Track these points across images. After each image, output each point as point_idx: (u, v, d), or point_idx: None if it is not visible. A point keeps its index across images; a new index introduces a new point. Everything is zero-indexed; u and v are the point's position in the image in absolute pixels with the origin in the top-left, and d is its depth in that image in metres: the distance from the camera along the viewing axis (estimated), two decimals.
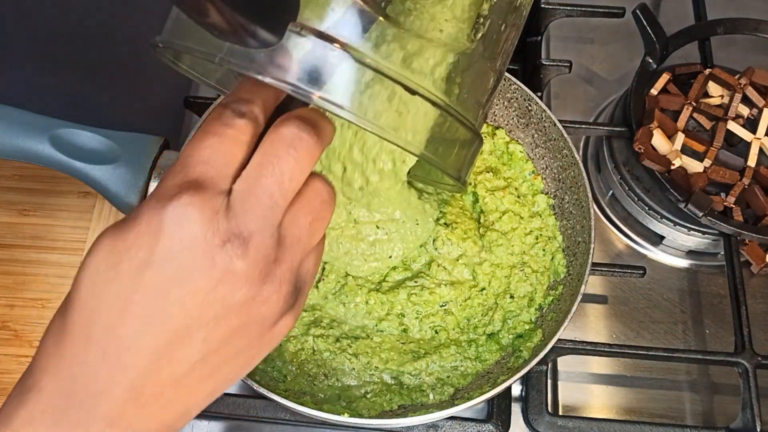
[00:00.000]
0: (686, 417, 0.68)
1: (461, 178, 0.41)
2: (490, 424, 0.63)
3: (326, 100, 0.33)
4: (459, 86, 0.39)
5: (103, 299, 0.32)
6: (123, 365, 0.32)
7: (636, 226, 0.77)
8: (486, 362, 0.62)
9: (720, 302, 0.73)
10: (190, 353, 0.33)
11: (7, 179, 0.78)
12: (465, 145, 0.40)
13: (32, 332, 0.69)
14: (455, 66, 0.39)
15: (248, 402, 0.63)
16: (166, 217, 0.32)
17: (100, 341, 0.32)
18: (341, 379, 0.60)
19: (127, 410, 0.32)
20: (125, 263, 0.32)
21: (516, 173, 0.71)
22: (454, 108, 0.38)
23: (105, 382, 0.32)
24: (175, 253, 0.32)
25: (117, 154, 0.63)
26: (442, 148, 0.39)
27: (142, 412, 0.33)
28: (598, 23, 0.90)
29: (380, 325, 0.62)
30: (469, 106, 0.40)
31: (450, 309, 0.63)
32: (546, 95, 0.84)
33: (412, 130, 0.37)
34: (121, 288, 0.32)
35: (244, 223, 0.33)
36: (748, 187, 0.71)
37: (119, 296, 0.32)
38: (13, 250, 0.74)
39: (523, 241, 0.66)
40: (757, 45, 0.85)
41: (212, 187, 0.33)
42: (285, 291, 0.35)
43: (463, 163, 0.41)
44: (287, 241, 0.34)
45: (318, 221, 0.36)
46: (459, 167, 0.41)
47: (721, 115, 0.76)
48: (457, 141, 0.40)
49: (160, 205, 0.32)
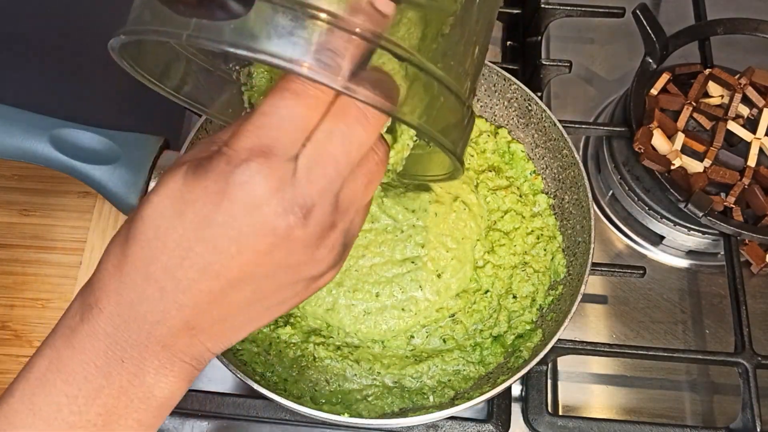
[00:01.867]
0: (686, 417, 0.68)
1: (457, 153, 0.39)
2: (490, 424, 0.63)
3: (315, 71, 0.31)
4: (442, 54, 0.37)
5: (167, 243, 0.34)
6: (179, 304, 0.35)
7: (636, 226, 0.77)
8: (489, 365, 0.62)
9: (720, 302, 0.73)
10: (240, 300, 0.36)
11: (7, 179, 0.78)
12: (457, 119, 0.39)
13: (32, 332, 0.69)
14: (434, 31, 0.36)
15: (248, 402, 0.63)
16: (234, 181, 0.33)
17: (159, 280, 0.35)
18: (343, 384, 0.60)
19: (180, 338, 0.36)
20: (190, 215, 0.34)
21: (517, 173, 0.71)
22: (442, 74, 0.36)
23: (161, 313, 0.35)
24: (238, 217, 0.33)
25: (117, 154, 0.63)
26: (436, 121, 0.37)
27: (192, 341, 0.37)
28: (598, 23, 0.90)
29: (387, 343, 0.62)
30: (456, 75, 0.37)
31: (458, 318, 0.63)
32: (546, 95, 0.84)
33: (406, 102, 0.35)
34: (183, 237, 0.34)
35: (309, 194, 0.34)
36: (748, 187, 0.71)
37: (181, 244, 0.34)
38: (13, 250, 0.74)
39: (524, 240, 0.66)
40: (757, 45, 0.85)
41: (282, 154, 0.33)
42: (336, 252, 0.37)
43: (458, 138, 0.39)
44: (343, 206, 0.36)
45: (372, 183, 0.37)
46: (455, 142, 0.39)
47: (721, 115, 0.76)
48: (449, 113, 0.38)
49: (230, 167, 0.33)
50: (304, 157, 0.34)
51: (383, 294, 0.61)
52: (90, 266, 0.73)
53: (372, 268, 0.62)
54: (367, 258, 0.62)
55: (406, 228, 0.63)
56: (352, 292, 0.62)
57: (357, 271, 0.62)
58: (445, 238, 0.63)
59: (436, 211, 0.64)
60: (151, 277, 0.35)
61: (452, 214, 0.64)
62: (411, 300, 0.62)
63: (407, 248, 0.62)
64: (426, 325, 0.62)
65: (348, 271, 0.62)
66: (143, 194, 0.62)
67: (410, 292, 0.62)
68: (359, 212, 0.38)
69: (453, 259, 0.63)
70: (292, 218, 0.34)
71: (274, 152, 0.33)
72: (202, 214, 0.34)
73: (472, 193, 0.67)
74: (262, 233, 0.34)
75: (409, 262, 0.62)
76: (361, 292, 0.61)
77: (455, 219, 0.64)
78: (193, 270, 0.34)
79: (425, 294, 0.62)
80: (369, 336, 0.61)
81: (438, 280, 0.62)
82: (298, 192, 0.34)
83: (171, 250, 0.34)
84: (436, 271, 0.63)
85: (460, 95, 0.38)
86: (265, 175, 0.33)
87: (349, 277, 0.62)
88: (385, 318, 0.61)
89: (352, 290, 0.62)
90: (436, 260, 0.63)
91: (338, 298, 0.62)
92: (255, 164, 0.33)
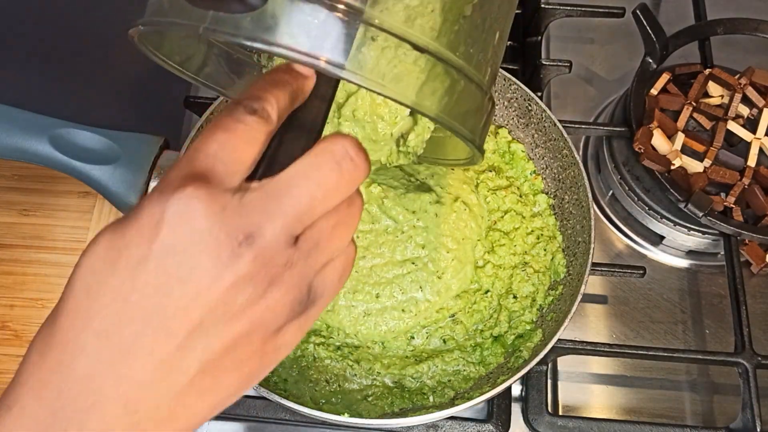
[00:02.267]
0: (686, 417, 0.68)
1: (476, 142, 0.38)
2: (490, 424, 0.63)
3: (332, 64, 0.31)
4: (464, 39, 0.36)
5: (98, 301, 0.29)
6: (116, 376, 0.29)
7: (636, 226, 0.77)
8: (489, 366, 0.62)
9: (720, 302, 0.73)
10: (191, 362, 0.30)
11: (7, 179, 0.78)
12: (477, 107, 0.38)
13: (32, 332, 0.69)
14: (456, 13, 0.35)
15: (248, 402, 0.63)
16: (169, 209, 0.29)
17: (91, 349, 0.29)
18: (343, 385, 0.60)
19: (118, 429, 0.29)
20: (123, 260, 0.29)
21: (518, 173, 0.71)
22: (462, 63, 0.35)
23: (96, 395, 0.29)
24: (177, 248, 0.29)
25: (117, 154, 0.63)
26: (454, 110, 0.36)
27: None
28: (598, 23, 0.90)
29: (387, 343, 0.62)
30: (477, 63, 0.37)
31: (459, 318, 0.63)
32: (546, 95, 0.84)
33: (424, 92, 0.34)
34: (116, 288, 0.29)
35: (257, 223, 0.30)
36: (748, 187, 0.71)
37: (115, 297, 0.29)
38: (13, 250, 0.74)
39: (524, 240, 0.66)
40: (757, 45, 0.85)
41: (220, 183, 0.30)
42: (292, 297, 0.32)
43: (477, 126, 0.38)
44: (304, 246, 0.32)
45: (342, 226, 0.33)
46: (473, 131, 0.38)
47: (721, 115, 0.76)
48: (468, 102, 0.37)
49: (163, 197, 0.30)
50: (259, 190, 0.31)
51: (383, 295, 0.61)
52: None
53: (372, 269, 0.62)
54: (368, 259, 0.62)
55: (407, 229, 0.63)
56: (352, 293, 0.62)
57: (357, 272, 0.62)
58: (446, 238, 0.63)
59: (436, 212, 0.64)
60: (81, 348, 0.29)
61: (453, 215, 0.64)
62: (411, 301, 0.62)
63: (408, 249, 0.62)
64: (426, 325, 0.62)
65: None
66: (143, 194, 0.62)
67: (410, 292, 0.62)
68: (331, 264, 0.34)
69: (454, 260, 0.63)
70: (236, 246, 0.29)
71: (211, 179, 0.30)
72: (137, 255, 0.29)
73: (472, 193, 0.67)
74: (206, 265, 0.29)
75: (410, 263, 0.62)
76: (361, 293, 0.61)
77: (456, 219, 0.64)
78: (131, 327, 0.29)
79: (425, 295, 0.62)
80: (369, 337, 0.61)
81: (438, 281, 0.62)
82: (244, 220, 0.30)
83: (104, 309, 0.29)
84: (437, 272, 0.63)
85: (481, 84, 0.37)
86: (205, 200, 0.29)
87: (349, 278, 0.61)
88: (385, 319, 0.61)
89: (352, 291, 0.62)
90: (437, 261, 0.63)
91: (338, 299, 0.62)
92: (191, 189, 0.29)
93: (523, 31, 0.88)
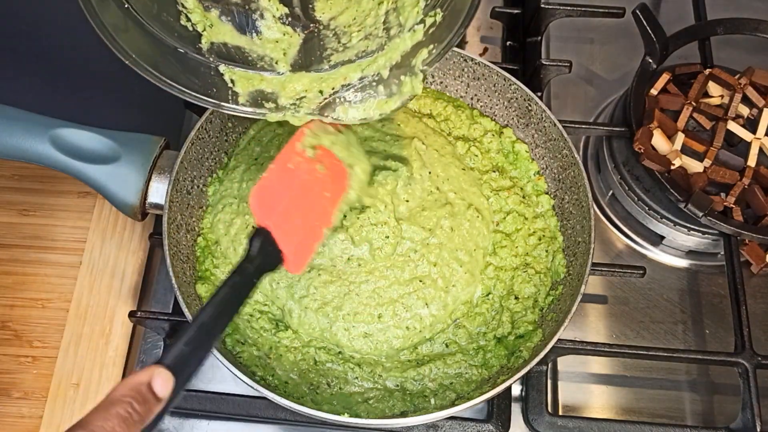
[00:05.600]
0: (686, 417, 0.68)
1: None
2: (490, 424, 0.63)
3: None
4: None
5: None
6: None
7: (636, 226, 0.77)
8: (492, 368, 0.61)
9: (720, 302, 0.73)
10: None
11: (7, 179, 0.78)
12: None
13: (32, 332, 0.69)
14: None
15: (248, 402, 0.63)
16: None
17: None
18: (344, 387, 0.60)
19: None
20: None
21: (521, 173, 0.71)
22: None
23: None
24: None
25: (117, 154, 0.63)
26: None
27: None
28: (598, 23, 0.90)
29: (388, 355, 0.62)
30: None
31: (461, 323, 0.63)
32: (546, 95, 0.84)
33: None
34: None
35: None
36: (748, 187, 0.71)
37: None
38: (13, 250, 0.74)
39: (526, 242, 0.66)
40: (757, 45, 0.85)
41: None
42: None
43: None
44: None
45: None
46: None
47: (721, 115, 0.76)
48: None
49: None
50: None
51: (386, 315, 0.60)
52: (90, 266, 0.73)
53: (375, 291, 0.61)
54: (370, 282, 0.61)
55: (419, 248, 0.62)
56: (352, 315, 0.60)
57: (358, 295, 0.61)
58: (459, 252, 0.63)
59: (451, 225, 0.63)
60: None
61: (465, 224, 0.64)
62: (415, 318, 0.61)
63: (418, 268, 0.61)
64: (430, 337, 0.62)
65: (348, 295, 0.60)
66: (143, 194, 0.62)
67: (415, 309, 0.61)
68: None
69: (466, 273, 0.63)
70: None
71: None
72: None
73: (482, 196, 0.67)
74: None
75: (417, 281, 0.61)
76: (362, 315, 0.60)
77: (469, 228, 0.64)
78: None
79: (431, 310, 0.61)
80: (368, 355, 0.61)
81: (446, 295, 0.62)
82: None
83: None
84: (445, 287, 0.62)
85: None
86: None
87: (349, 301, 0.60)
88: (387, 338, 0.60)
89: (352, 314, 0.60)
90: (448, 277, 0.62)
91: (335, 320, 0.60)
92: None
93: (523, 31, 0.88)
